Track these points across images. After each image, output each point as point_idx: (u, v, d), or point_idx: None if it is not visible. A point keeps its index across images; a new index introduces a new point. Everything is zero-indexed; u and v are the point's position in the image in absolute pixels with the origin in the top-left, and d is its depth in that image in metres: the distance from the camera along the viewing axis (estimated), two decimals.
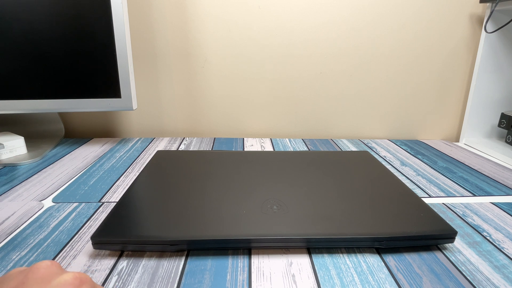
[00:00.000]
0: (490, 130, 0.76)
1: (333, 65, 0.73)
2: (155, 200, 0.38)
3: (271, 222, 0.34)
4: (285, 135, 0.77)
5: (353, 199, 0.39)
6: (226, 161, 0.50)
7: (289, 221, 0.34)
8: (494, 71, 0.71)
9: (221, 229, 0.32)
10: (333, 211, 0.36)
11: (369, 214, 0.36)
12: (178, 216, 0.35)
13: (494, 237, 0.36)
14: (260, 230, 0.32)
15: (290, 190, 0.41)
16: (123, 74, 0.56)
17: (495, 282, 0.29)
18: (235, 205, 0.37)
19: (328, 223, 0.34)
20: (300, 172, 0.47)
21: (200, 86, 0.72)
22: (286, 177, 0.45)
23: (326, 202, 0.38)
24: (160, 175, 0.45)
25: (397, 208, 0.38)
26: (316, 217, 0.35)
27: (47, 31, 0.52)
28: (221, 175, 0.45)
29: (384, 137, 0.79)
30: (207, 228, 0.32)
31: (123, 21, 0.53)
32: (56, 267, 0.21)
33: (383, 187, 0.43)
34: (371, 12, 0.70)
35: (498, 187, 0.50)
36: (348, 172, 0.47)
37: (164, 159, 0.51)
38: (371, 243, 0.33)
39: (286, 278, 0.29)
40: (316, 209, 0.37)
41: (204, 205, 0.37)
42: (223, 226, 0.33)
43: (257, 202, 0.38)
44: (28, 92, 0.54)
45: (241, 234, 0.32)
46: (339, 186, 0.43)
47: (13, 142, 0.55)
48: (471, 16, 0.72)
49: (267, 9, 0.68)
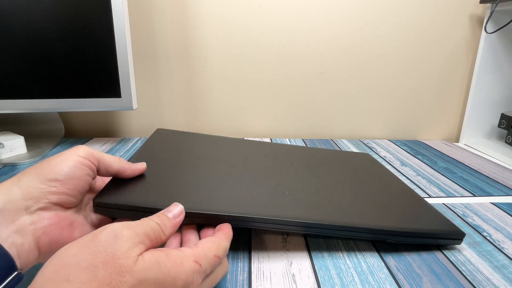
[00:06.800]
0: (490, 131, 0.76)
1: (333, 65, 0.73)
2: (160, 173, 0.35)
3: (287, 205, 0.33)
4: (285, 135, 0.77)
5: (364, 195, 0.39)
6: (226, 147, 0.47)
7: (303, 206, 0.33)
8: (494, 72, 0.71)
9: (217, 204, 0.30)
10: (346, 203, 0.36)
11: (381, 210, 0.36)
12: (184, 190, 0.32)
13: (494, 237, 0.36)
14: (274, 212, 0.31)
15: (301, 179, 0.40)
16: (123, 74, 0.56)
17: (495, 282, 0.29)
18: (240, 186, 0.35)
19: (342, 213, 0.34)
20: (309, 165, 0.46)
21: (200, 86, 0.72)
22: (293, 168, 0.44)
23: (338, 195, 0.38)
24: (163, 152, 0.41)
25: (407, 207, 0.38)
26: (330, 206, 0.35)
27: (47, 30, 0.52)
28: (222, 157, 0.43)
29: (384, 137, 0.79)
30: (206, 202, 0.30)
31: (124, 21, 0.53)
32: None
33: (390, 187, 0.43)
34: (371, 12, 0.70)
35: (498, 187, 0.50)
36: (355, 171, 0.47)
37: (166, 136, 0.46)
38: (384, 236, 0.33)
39: (286, 278, 0.29)
40: (329, 199, 0.36)
41: (204, 182, 0.35)
42: (223, 202, 0.31)
43: (268, 185, 0.36)
44: (28, 92, 0.54)
45: (245, 212, 0.30)
46: (350, 183, 0.42)
47: (13, 142, 0.54)
48: (471, 17, 0.72)
49: (268, 9, 0.68)
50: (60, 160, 0.25)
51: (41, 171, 0.24)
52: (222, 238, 0.25)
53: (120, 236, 0.20)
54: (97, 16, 0.53)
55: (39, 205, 0.24)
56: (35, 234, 0.23)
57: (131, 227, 0.21)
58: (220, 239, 0.25)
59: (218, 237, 0.25)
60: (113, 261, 0.19)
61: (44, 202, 0.24)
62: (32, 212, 0.23)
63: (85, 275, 0.18)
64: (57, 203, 0.25)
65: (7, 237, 0.22)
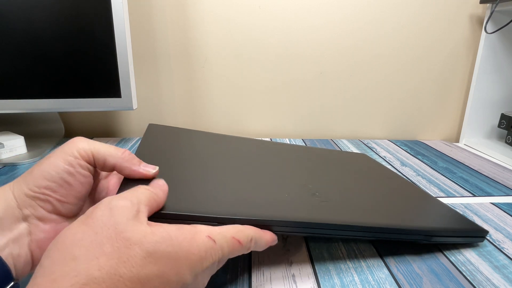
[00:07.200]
0: (490, 131, 0.76)
1: (333, 65, 0.73)
2: (169, 173, 0.30)
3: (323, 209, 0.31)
4: (285, 135, 0.77)
5: (379, 195, 0.38)
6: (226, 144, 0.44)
7: (332, 209, 0.31)
8: (494, 72, 0.71)
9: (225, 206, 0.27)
10: (367, 204, 0.35)
11: (401, 209, 0.35)
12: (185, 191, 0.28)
13: (494, 237, 0.36)
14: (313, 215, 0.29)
15: (321, 177, 0.38)
16: (123, 74, 0.56)
17: (495, 282, 0.29)
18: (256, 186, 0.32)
19: (369, 214, 0.32)
20: (319, 165, 0.44)
21: (200, 86, 0.72)
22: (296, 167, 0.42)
23: (357, 195, 0.37)
24: (159, 150, 0.36)
25: (434, 210, 0.37)
26: (355, 207, 0.33)
27: (47, 30, 0.52)
28: (223, 155, 0.39)
29: (384, 137, 0.79)
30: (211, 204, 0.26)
31: (124, 20, 0.53)
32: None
33: (401, 187, 0.43)
34: (371, 12, 0.70)
35: (498, 187, 0.50)
36: (362, 171, 0.46)
37: (162, 133, 0.42)
38: (422, 237, 0.31)
39: (286, 278, 0.29)
40: (353, 199, 0.35)
41: (217, 183, 0.31)
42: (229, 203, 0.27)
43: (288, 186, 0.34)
44: (28, 92, 0.54)
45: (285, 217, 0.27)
46: (366, 184, 0.41)
47: (13, 142, 0.54)
48: (471, 17, 0.72)
49: (268, 9, 0.68)
50: (48, 163, 0.22)
51: (31, 177, 0.22)
52: (247, 227, 0.24)
53: (114, 208, 0.19)
54: (97, 16, 0.53)
55: (36, 214, 0.22)
56: (30, 246, 0.22)
57: (123, 197, 0.20)
58: (244, 226, 0.24)
59: (243, 225, 0.24)
60: (117, 235, 0.18)
61: (39, 211, 0.22)
62: (29, 221, 0.22)
63: (91, 251, 0.17)
64: (54, 211, 0.23)
65: (4, 247, 0.21)
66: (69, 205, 0.23)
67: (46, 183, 0.22)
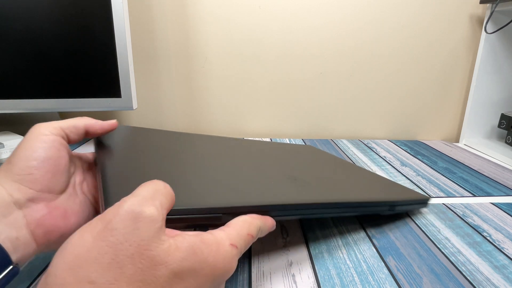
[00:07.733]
0: (490, 131, 0.76)
1: (333, 65, 0.73)
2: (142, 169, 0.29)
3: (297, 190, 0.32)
4: (285, 135, 0.77)
5: (338, 177, 0.41)
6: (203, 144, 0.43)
7: (316, 190, 0.33)
8: (494, 72, 0.71)
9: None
10: (339, 184, 0.37)
11: (374, 186, 0.39)
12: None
13: (494, 237, 0.36)
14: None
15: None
16: (123, 74, 0.56)
17: (495, 282, 0.29)
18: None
19: (347, 192, 0.35)
20: (281, 157, 0.44)
21: (200, 86, 0.72)
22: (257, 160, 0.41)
23: (326, 178, 0.39)
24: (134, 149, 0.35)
25: (388, 185, 0.42)
26: (332, 188, 0.35)
27: (47, 30, 0.52)
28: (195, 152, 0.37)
29: (384, 137, 0.79)
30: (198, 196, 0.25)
31: (124, 20, 0.53)
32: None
33: (350, 170, 0.47)
34: (371, 12, 0.70)
35: (498, 187, 0.50)
36: (320, 160, 0.48)
37: (130, 134, 0.40)
38: (388, 208, 0.36)
39: (286, 278, 0.29)
40: (325, 182, 0.37)
41: (196, 177, 0.29)
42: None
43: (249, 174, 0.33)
44: (28, 92, 0.54)
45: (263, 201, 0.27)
46: (324, 170, 0.43)
47: (13, 142, 0.54)
48: (471, 17, 0.72)
49: (268, 9, 0.68)
50: (23, 148, 0.23)
51: (11, 165, 0.23)
52: (254, 217, 0.24)
53: (140, 219, 0.16)
54: (97, 16, 0.53)
55: (26, 196, 0.23)
56: (29, 227, 0.22)
57: (147, 199, 0.18)
58: (252, 218, 0.23)
59: (249, 216, 0.23)
60: (140, 253, 0.16)
61: (30, 193, 0.23)
62: (22, 205, 0.23)
63: (110, 273, 0.15)
64: (43, 190, 0.23)
65: (0, 232, 0.21)
66: (56, 180, 0.24)
67: (28, 163, 0.23)
